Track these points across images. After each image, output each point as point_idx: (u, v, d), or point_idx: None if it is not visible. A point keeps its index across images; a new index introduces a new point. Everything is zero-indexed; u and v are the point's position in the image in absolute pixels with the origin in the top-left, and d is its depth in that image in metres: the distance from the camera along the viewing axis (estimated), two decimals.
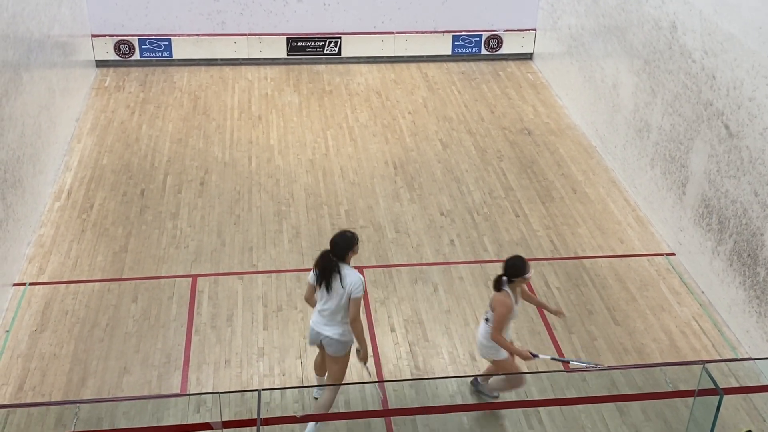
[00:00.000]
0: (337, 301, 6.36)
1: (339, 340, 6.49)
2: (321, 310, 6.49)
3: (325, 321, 6.48)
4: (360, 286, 6.31)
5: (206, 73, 13.15)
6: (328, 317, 6.46)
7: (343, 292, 6.32)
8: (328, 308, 6.42)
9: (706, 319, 8.30)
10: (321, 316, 6.50)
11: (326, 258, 6.33)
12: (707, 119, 8.47)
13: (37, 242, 9.04)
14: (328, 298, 6.39)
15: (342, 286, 6.30)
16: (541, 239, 9.43)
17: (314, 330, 6.57)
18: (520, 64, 13.88)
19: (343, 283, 6.30)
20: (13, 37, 8.82)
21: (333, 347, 6.54)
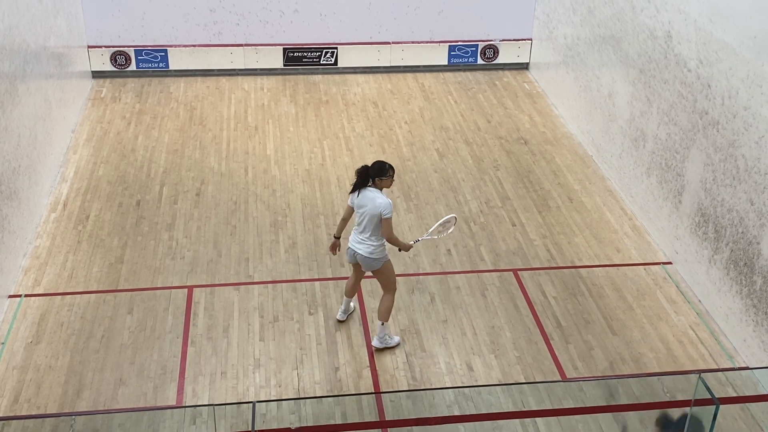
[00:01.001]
0: (368, 221, 7.34)
1: (369, 257, 7.48)
2: (356, 229, 7.54)
3: (359, 240, 7.52)
4: (389, 207, 7.30)
5: (202, 83, 13.16)
6: (360, 236, 7.50)
7: (374, 212, 7.28)
8: (360, 227, 7.46)
9: (703, 328, 8.29)
10: (356, 235, 7.55)
11: (363, 173, 7.40)
12: (703, 128, 8.48)
13: (32, 254, 9.02)
14: (360, 218, 7.41)
15: (371, 206, 7.28)
16: (537, 248, 9.42)
17: (350, 249, 7.62)
18: (516, 73, 13.91)
19: (372, 203, 7.27)
20: (9, 48, 8.82)
21: (366, 264, 7.56)
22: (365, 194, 7.36)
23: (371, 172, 7.40)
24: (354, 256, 7.65)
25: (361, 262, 7.62)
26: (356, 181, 7.43)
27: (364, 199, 7.35)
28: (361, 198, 7.37)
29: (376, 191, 7.37)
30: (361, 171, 7.42)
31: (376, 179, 7.40)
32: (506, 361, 7.81)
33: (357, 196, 7.41)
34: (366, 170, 7.41)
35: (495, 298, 8.63)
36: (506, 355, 7.88)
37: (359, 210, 7.42)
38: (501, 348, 7.96)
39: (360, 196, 7.39)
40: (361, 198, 7.38)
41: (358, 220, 7.49)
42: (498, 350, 7.93)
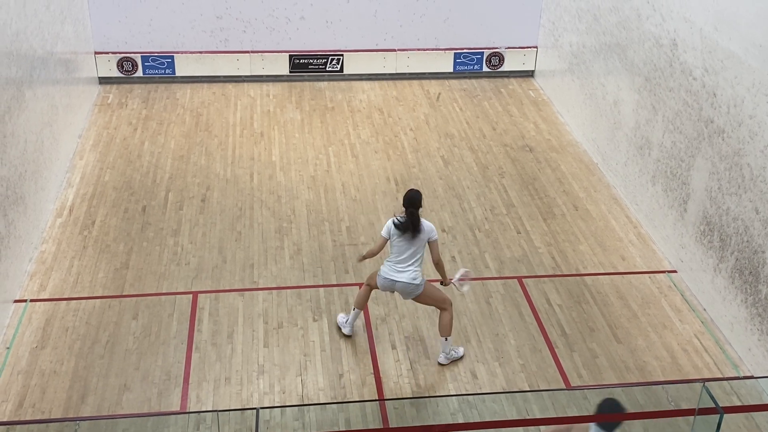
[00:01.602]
0: (415, 249, 7.46)
1: (412, 283, 7.52)
2: (397, 261, 7.52)
3: (400, 268, 7.52)
4: (435, 230, 7.53)
5: (209, 89, 13.20)
6: (402, 265, 7.51)
7: (423, 238, 7.44)
8: (405, 257, 7.48)
9: (708, 336, 8.27)
10: (395, 265, 7.53)
11: (413, 214, 7.38)
12: (708, 137, 8.48)
13: (38, 259, 9.04)
14: (406, 248, 7.45)
15: (421, 235, 7.42)
16: (542, 256, 9.42)
17: (388, 278, 7.56)
18: (522, 81, 13.92)
19: (422, 232, 7.42)
20: (16, 54, 8.87)
21: (408, 291, 7.58)
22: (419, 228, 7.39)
23: (418, 205, 7.40)
24: (392, 287, 7.59)
25: (401, 290, 7.56)
26: (409, 222, 7.35)
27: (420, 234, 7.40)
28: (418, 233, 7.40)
29: (423, 220, 7.44)
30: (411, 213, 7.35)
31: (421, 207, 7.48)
32: (510, 368, 7.81)
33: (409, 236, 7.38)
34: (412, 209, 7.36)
35: (499, 305, 8.62)
36: (510, 362, 7.88)
37: (407, 240, 7.40)
38: (505, 356, 7.95)
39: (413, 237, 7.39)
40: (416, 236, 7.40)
41: (399, 250, 7.44)
42: (502, 358, 7.92)
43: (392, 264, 7.53)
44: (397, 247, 7.46)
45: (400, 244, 7.45)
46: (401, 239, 7.43)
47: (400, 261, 7.49)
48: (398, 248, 7.46)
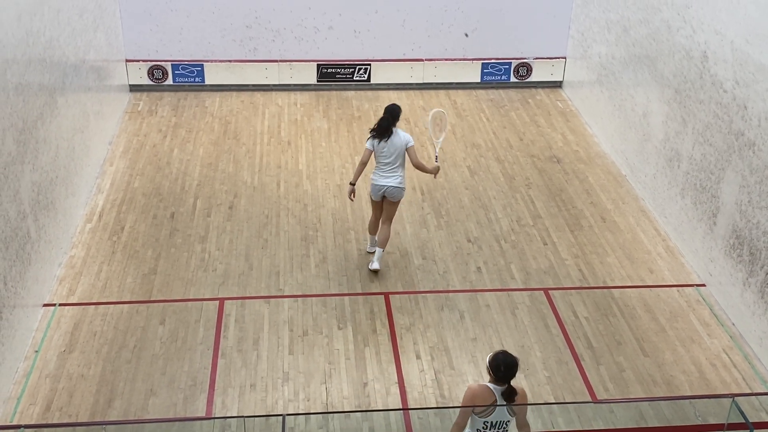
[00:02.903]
0: (396, 155, 8.65)
1: (397, 187, 8.77)
2: (382, 166, 8.74)
3: (387, 173, 8.74)
4: (411, 139, 8.71)
5: (237, 98, 13.30)
6: (388, 170, 8.73)
7: (400, 145, 8.63)
8: (389, 162, 8.68)
9: (736, 351, 8.17)
10: (382, 171, 8.76)
11: (385, 121, 8.64)
12: (738, 149, 8.40)
13: (68, 263, 9.15)
14: (388, 153, 8.65)
15: (398, 141, 8.61)
16: (569, 268, 9.36)
17: (377, 184, 8.81)
18: (550, 91, 13.88)
19: (396, 138, 8.61)
20: (49, 61, 9.00)
21: (394, 194, 8.82)
22: (393, 136, 8.63)
23: (393, 116, 8.67)
24: (381, 191, 8.81)
25: (390, 194, 8.81)
26: (380, 129, 8.63)
27: (394, 139, 8.62)
28: (390, 140, 8.62)
29: (397, 130, 8.68)
30: (386, 120, 8.63)
31: (397, 120, 8.72)
32: (536, 380, 7.76)
33: (385, 141, 8.63)
34: (390, 118, 8.65)
35: (525, 317, 8.58)
36: (536, 374, 7.83)
37: (388, 149, 8.64)
38: (531, 367, 7.91)
39: (388, 141, 8.62)
40: (390, 141, 8.62)
41: (385, 160, 8.69)
42: (528, 370, 7.88)
43: (379, 171, 8.77)
44: (380, 155, 8.69)
45: (382, 152, 8.67)
46: (382, 146, 8.65)
47: (385, 166, 8.72)
48: (381, 155, 8.69)
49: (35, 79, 8.51)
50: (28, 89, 8.27)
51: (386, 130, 8.64)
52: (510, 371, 5.74)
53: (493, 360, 5.78)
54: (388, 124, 8.64)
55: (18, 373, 7.61)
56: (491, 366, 5.78)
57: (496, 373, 5.75)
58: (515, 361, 5.78)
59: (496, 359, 5.77)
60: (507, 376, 5.75)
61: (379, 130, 8.65)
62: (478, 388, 5.79)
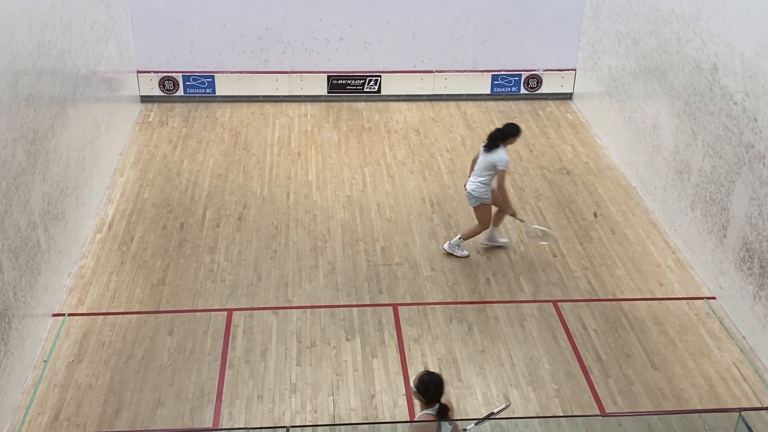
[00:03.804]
0: (483, 165, 9.11)
1: (471, 192, 9.25)
2: (474, 171, 9.28)
3: (472, 178, 9.26)
4: (504, 162, 9.04)
5: (248, 109, 13.35)
6: (473, 176, 9.25)
7: (492, 161, 9.04)
8: (477, 170, 9.21)
9: (747, 365, 8.11)
10: (472, 176, 9.29)
11: (496, 132, 9.17)
12: (748, 162, 8.36)
13: (77, 273, 9.19)
14: (480, 163, 9.16)
15: (491, 157, 9.04)
16: (578, 280, 9.33)
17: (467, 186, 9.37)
18: (560, 103, 13.87)
19: (493, 154, 9.04)
20: (60, 72, 9.06)
21: (469, 199, 9.32)
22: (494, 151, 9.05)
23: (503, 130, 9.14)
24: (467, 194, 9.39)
25: (467, 196, 9.35)
26: (488, 139, 9.13)
27: (493, 153, 9.05)
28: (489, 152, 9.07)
29: (502, 148, 9.07)
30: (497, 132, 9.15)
31: (506, 138, 9.12)
32: (544, 393, 7.73)
33: (485, 151, 9.11)
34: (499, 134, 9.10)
35: (534, 329, 8.55)
36: (544, 387, 7.80)
37: (483, 159, 9.11)
38: (539, 380, 7.88)
39: (488, 152, 9.07)
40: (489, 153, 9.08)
41: (476, 166, 9.22)
42: (536, 382, 7.85)
43: (472, 176, 9.31)
44: (477, 161, 9.25)
45: (479, 158, 9.23)
46: (481, 154, 9.18)
47: (474, 172, 9.26)
48: (477, 161, 9.26)
49: (46, 90, 8.57)
50: (39, 100, 8.33)
51: (492, 142, 9.08)
52: (439, 390, 5.77)
53: (419, 383, 5.78)
54: (496, 137, 9.09)
55: (27, 383, 7.64)
56: (419, 389, 5.78)
57: (425, 395, 5.78)
58: (441, 378, 5.82)
59: (423, 381, 5.79)
60: (437, 395, 5.78)
61: (488, 139, 9.18)
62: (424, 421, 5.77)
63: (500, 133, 9.13)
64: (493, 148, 9.07)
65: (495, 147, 9.06)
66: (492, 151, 9.06)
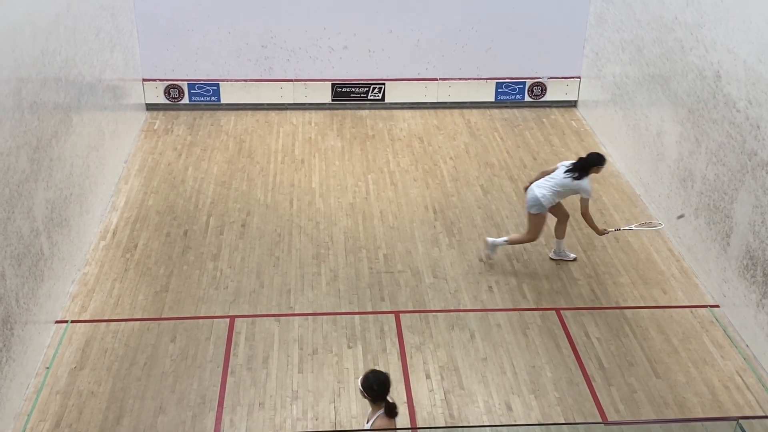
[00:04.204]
0: (563, 185, 9.04)
1: (539, 198, 9.08)
2: (546, 179, 9.14)
3: (540, 184, 9.12)
4: (587, 190, 8.98)
5: (252, 117, 13.39)
6: (544, 183, 9.11)
7: (573, 188, 9.02)
8: (552, 177, 9.10)
9: (750, 373, 8.07)
10: (543, 181, 9.15)
11: (583, 162, 9.04)
12: (751, 169, 8.34)
13: (80, 280, 9.21)
14: (561, 172, 9.05)
15: (573, 182, 8.99)
16: (581, 288, 9.31)
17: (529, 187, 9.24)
18: (564, 111, 13.86)
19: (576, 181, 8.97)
20: (64, 80, 9.11)
21: (531, 203, 9.16)
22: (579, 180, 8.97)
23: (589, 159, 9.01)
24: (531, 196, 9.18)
25: (526, 199, 9.20)
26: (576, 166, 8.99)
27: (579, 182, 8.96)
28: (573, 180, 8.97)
29: (587, 180, 8.99)
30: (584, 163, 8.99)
31: (591, 167, 9.01)
32: (546, 401, 7.70)
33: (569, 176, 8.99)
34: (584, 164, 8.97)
35: (536, 337, 8.53)
36: (546, 395, 7.77)
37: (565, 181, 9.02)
38: (541, 388, 7.85)
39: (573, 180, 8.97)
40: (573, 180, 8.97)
41: (552, 179, 9.09)
42: (538, 390, 7.83)
43: (544, 181, 9.15)
44: (555, 175, 9.11)
45: (559, 175, 9.08)
46: (564, 175, 9.04)
47: (546, 181, 9.12)
48: (555, 175, 9.12)
49: (50, 97, 8.61)
50: (43, 108, 8.38)
51: (578, 170, 9.01)
52: (384, 387, 5.82)
53: (365, 382, 5.82)
54: (581, 167, 9.00)
55: (29, 389, 7.66)
56: (365, 389, 5.80)
57: (371, 393, 5.82)
58: (386, 377, 5.87)
59: (368, 380, 5.82)
60: (383, 392, 5.83)
61: (575, 165, 9.04)
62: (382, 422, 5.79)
63: (586, 164, 9.03)
64: (582, 176, 8.99)
65: (584, 175, 9.00)
66: (579, 180, 8.99)
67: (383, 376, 5.87)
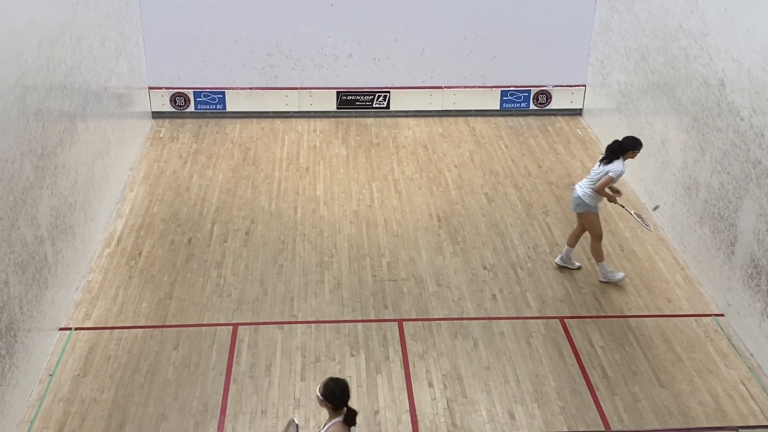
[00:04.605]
0: (597, 174, 9.08)
1: (580, 196, 9.18)
2: (588, 177, 9.24)
3: (581, 183, 9.25)
4: (618, 171, 8.95)
5: (257, 125, 13.42)
6: (584, 181, 9.24)
7: (600, 170, 9.03)
8: (590, 175, 9.20)
9: (754, 383, 8.03)
10: (583, 180, 9.28)
11: (614, 143, 9.10)
12: (756, 178, 8.31)
13: (85, 288, 9.23)
14: (596, 169, 9.12)
15: (603, 167, 9.02)
16: (585, 296, 9.28)
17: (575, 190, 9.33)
18: (569, 119, 13.85)
19: (605, 165, 9.00)
20: (70, 88, 9.15)
21: (575, 203, 9.27)
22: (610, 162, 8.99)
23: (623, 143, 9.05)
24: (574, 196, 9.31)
25: (572, 200, 9.30)
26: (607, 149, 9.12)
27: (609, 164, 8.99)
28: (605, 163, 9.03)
29: (619, 161, 8.98)
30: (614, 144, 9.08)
31: (626, 152, 9.04)
32: (549, 410, 7.68)
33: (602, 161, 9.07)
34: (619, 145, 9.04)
35: (540, 345, 8.51)
36: (550, 404, 7.75)
37: (597, 168, 9.12)
38: (544, 397, 7.83)
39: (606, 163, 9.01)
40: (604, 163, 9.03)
41: (590, 174, 9.22)
42: (541, 399, 7.80)
43: (583, 180, 9.29)
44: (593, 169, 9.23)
45: (593, 168, 9.20)
46: (598, 164, 9.14)
47: (587, 179, 9.21)
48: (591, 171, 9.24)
49: (55, 105, 8.65)
50: (48, 115, 8.41)
51: (610, 154, 9.05)
52: (345, 395, 5.77)
53: (325, 390, 5.75)
54: (614, 149, 9.05)
55: (32, 396, 7.67)
56: (326, 397, 5.74)
57: (332, 401, 5.75)
58: (346, 383, 5.82)
59: (328, 388, 5.76)
60: (344, 400, 5.77)
61: (606, 151, 9.17)
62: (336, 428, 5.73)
63: (619, 146, 9.04)
64: (612, 160, 9.00)
65: (614, 159, 9.00)
66: (610, 162, 9.01)
67: (344, 383, 5.81)
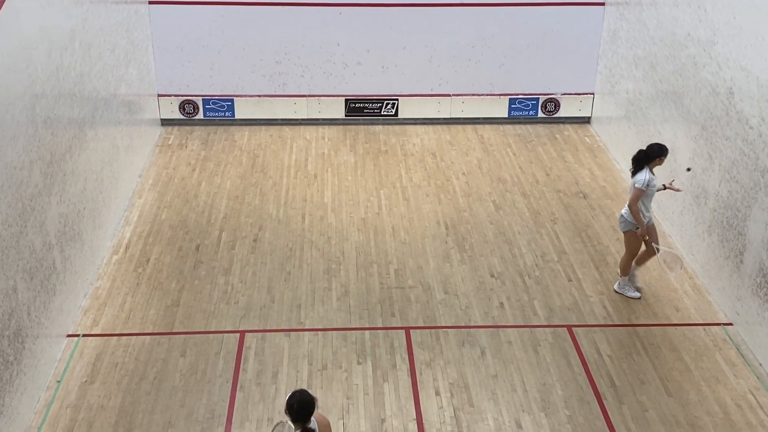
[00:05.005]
0: (630, 187, 9.00)
1: (622, 214, 9.12)
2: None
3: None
4: (641, 182, 8.80)
5: (266, 132, 13.45)
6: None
7: (631, 180, 8.94)
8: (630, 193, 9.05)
9: (763, 392, 7.98)
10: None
11: (639, 153, 8.95)
12: (765, 186, 8.28)
13: (93, 294, 9.26)
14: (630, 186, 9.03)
15: (632, 180, 8.93)
16: (593, 305, 9.25)
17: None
18: (578, 127, 13.83)
19: (636, 176, 8.87)
20: (79, 95, 9.20)
21: (620, 221, 9.24)
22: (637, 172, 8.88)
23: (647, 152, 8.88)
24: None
25: (618, 220, 9.26)
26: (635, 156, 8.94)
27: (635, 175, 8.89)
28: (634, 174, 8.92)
29: (645, 168, 8.85)
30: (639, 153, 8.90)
31: (651, 161, 8.87)
32: (557, 419, 7.65)
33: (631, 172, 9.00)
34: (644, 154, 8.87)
35: (548, 354, 8.48)
36: (557, 413, 7.72)
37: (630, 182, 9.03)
38: (552, 406, 7.80)
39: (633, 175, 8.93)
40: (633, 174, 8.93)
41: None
42: (549, 408, 7.77)
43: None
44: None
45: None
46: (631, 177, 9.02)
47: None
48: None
49: (64, 113, 8.70)
50: (57, 123, 8.46)
51: (636, 165, 8.92)
52: (303, 410, 5.55)
53: (289, 399, 5.61)
54: (639, 159, 8.90)
55: (39, 403, 7.69)
56: (287, 405, 5.59)
57: (289, 411, 5.60)
58: (308, 399, 5.58)
59: (292, 397, 5.61)
60: (299, 415, 5.58)
61: (632, 162, 8.99)
62: None
63: (644, 155, 8.88)
64: (637, 170, 8.88)
65: (639, 169, 8.87)
66: (636, 173, 8.88)
67: (308, 398, 5.59)
